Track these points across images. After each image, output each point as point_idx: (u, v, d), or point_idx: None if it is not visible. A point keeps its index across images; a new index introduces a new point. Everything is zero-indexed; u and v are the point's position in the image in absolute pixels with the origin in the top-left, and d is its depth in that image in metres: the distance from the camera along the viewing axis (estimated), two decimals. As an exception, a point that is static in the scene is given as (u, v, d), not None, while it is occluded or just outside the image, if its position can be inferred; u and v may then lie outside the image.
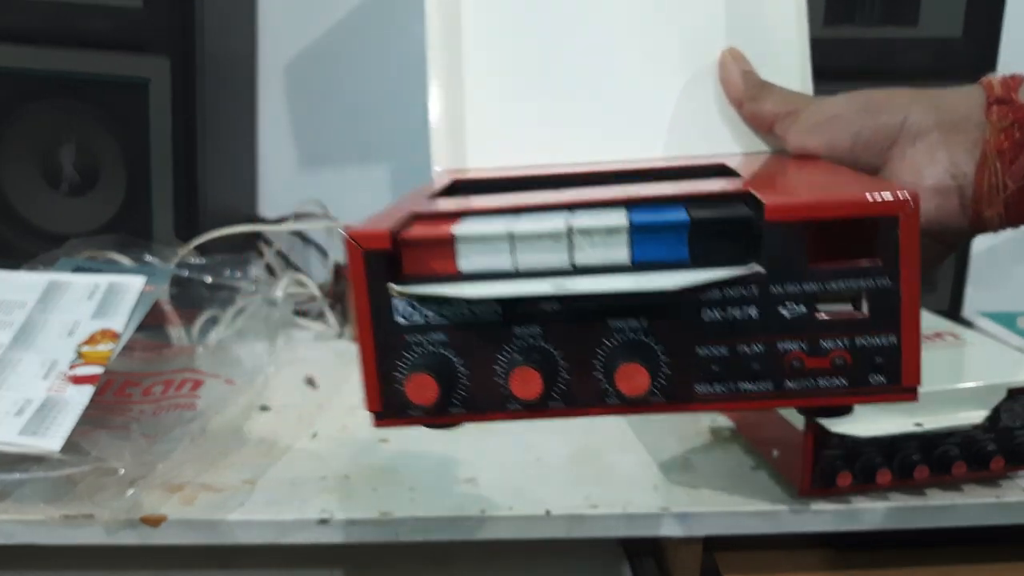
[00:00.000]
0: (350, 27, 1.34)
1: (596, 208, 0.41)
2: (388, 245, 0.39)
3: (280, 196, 1.37)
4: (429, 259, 0.39)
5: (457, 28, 0.58)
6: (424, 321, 0.39)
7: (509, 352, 0.40)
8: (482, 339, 0.39)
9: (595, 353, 0.39)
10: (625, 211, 0.39)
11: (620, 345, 0.39)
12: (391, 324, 0.39)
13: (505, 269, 0.39)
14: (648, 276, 0.38)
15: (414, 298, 0.39)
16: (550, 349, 0.40)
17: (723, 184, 0.44)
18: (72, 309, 0.83)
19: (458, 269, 0.39)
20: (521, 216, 0.41)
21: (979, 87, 0.52)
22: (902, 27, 1.01)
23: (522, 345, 0.40)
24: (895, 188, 0.37)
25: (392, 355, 0.40)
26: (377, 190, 1.39)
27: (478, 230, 0.39)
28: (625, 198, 0.41)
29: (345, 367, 1.01)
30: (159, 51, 1.01)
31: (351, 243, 0.39)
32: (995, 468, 0.73)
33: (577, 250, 0.38)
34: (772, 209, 0.37)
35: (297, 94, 1.36)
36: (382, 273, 0.40)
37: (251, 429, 0.84)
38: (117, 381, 0.84)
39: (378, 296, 0.40)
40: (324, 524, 0.69)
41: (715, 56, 0.58)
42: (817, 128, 0.52)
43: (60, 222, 1.05)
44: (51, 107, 1.03)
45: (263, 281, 0.99)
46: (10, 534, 0.68)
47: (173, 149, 1.03)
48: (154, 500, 0.71)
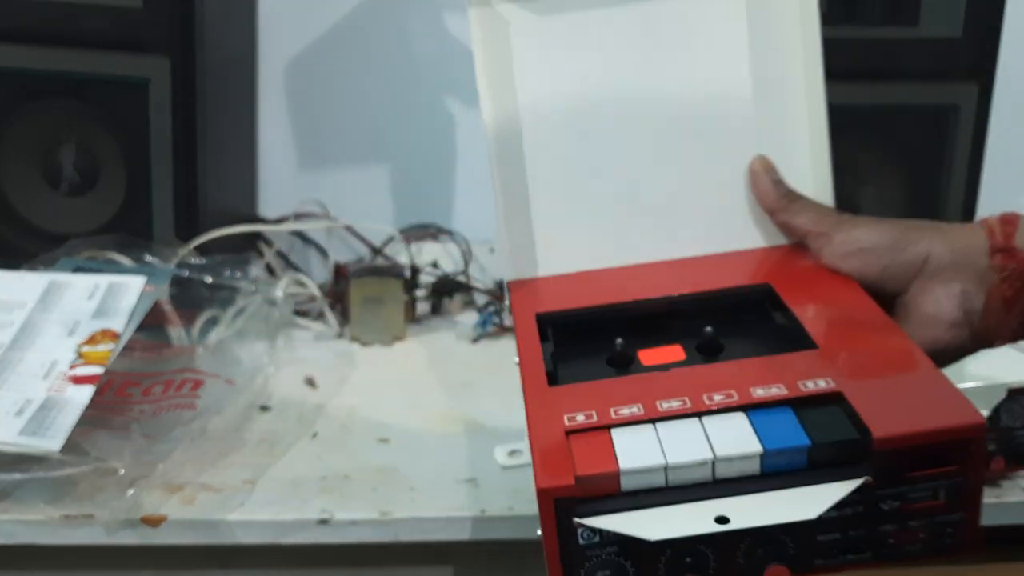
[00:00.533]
0: (350, 27, 1.34)
1: (721, 413, 0.50)
2: (575, 491, 0.47)
3: (280, 196, 1.37)
4: (595, 486, 0.47)
5: (518, 147, 0.66)
6: (599, 539, 0.47)
7: (670, 556, 0.48)
8: (648, 546, 0.46)
9: (738, 550, 0.47)
10: (748, 422, 0.48)
11: (758, 542, 0.47)
12: (575, 546, 0.48)
13: (659, 486, 0.47)
14: (789, 505, 0.45)
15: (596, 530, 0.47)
16: (705, 551, 0.47)
17: (817, 375, 0.51)
18: (72, 309, 0.83)
19: (621, 490, 0.47)
20: (660, 427, 0.49)
21: (981, 229, 0.57)
22: (902, 27, 1.01)
23: (679, 550, 0.47)
24: (971, 413, 0.46)
25: (575, 568, 0.48)
26: (377, 190, 1.39)
27: (639, 464, 0.47)
28: (741, 403, 0.50)
29: (345, 367, 1.02)
30: (159, 51, 1.01)
31: (543, 494, 0.47)
32: (995, 468, 0.74)
33: (718, 470, 0.47)
34: (880, 440, 0.45)
35: (297, 94, 1.37)
36: (570, 509, 0.47)
37: (251, 429, 0.84)
38: (117, 381, 0.85)
39: (565, 526, 0.47)
40: (324, 524, 0.70)
41: (746, 161, 0.65)
42: (849, 256, 0.59)
43: (60, 222, 1.05)
44: (51, 107, 1.03)
45: (263, 281, 1.00)
46: (10, 534, 0.69)
47: (173, 149, 1.03)
48: (154, 500, 0.71)
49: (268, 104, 1.36)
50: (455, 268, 1.28)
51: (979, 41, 1.02)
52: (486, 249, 1.31)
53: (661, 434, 0.49)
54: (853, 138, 1.05)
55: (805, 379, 0.51)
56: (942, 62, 1.03)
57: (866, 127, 1.05)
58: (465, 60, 1.16)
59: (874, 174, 1.07)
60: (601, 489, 0.47)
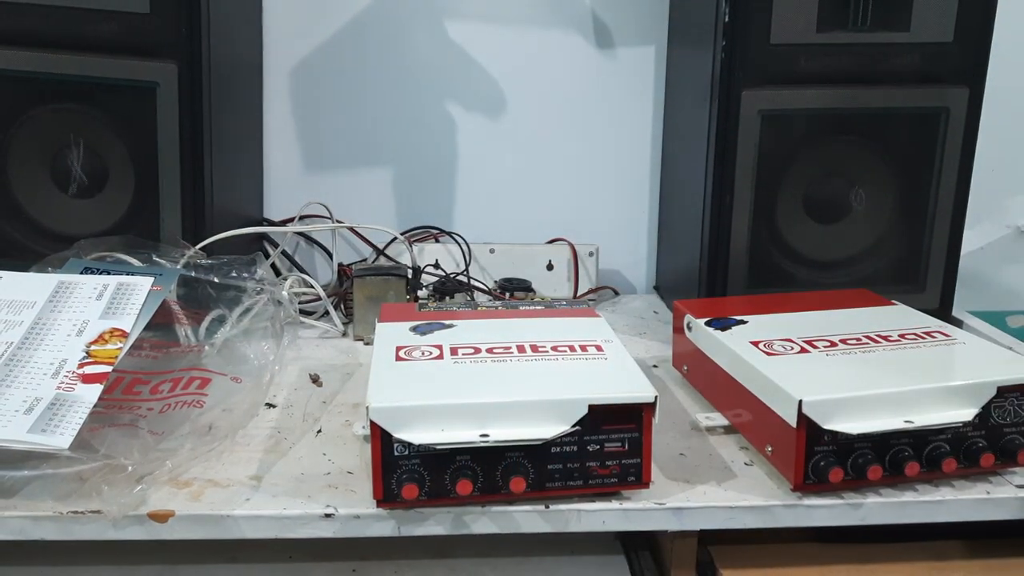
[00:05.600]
0: (355, 32, 1.35)
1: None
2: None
3: (285, 198, 1.38)
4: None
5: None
6: (408, 452, 0.69)
7: (453, 469, 0.70)
8: (441, 462, 0.69)
9: (498, 469, 0.70)
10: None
11: (511, 465, 0.70)
12: (392, 456, 0.70)
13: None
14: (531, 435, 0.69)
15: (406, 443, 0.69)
16: (475, 468, 0.70)
17: None
18: (81, 309, 0.84)
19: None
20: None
21: None
22: (894, 32, 1.02)
23: (460, 465, 0.69)
24: (646, 390, 0.71)
25: (391, 471, 0.70)
26: (380, 193, 1.40)
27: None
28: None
29: (349, 365, 1.03)
30: (167, 56, 1.02)
31: (375, 426, 0.69)
32: (985, 464, 0.74)
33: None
34: (591, 406, 0.70)
35: (302, 99, 1.38)
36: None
37: (257, 426, 0.85)
38: (125, 379, 0.85)
39: (388, 444, 0.69)
40: (329, 518, 0.70)
41: None
42: None
43: (69, 224, 1.07)
44: (60, 110, 1.04)
45: (269, 281, 1.00)
46: (20, 530, 0.69)
47: (181, 152, 1.04)
48: (162, 496, 0.72)
49: (274, 108, 1.37)
50: (456, 268, 1.30)
51: (970, 45, 1.03)
52: (486, 250, 1.33)
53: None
54: (845, 141, 1.06)
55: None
56: (933, 66, 1.04)
57: (858, 130, 1.06)
58: (465, 66, 1.18)
59: (866, 176, 1.08)
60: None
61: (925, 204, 1.08)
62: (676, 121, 1.29)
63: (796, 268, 1.09)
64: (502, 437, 0.68)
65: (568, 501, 0.72)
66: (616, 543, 0.86)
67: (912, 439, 0.73)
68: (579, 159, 1.41)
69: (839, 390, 0.72)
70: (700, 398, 0.93)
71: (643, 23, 1.36)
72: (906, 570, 0.78)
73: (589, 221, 1.41)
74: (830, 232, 1.09)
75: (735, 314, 0.92)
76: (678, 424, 0.87)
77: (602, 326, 0.87)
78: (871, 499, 0.73)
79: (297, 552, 0.83)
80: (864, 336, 0.85)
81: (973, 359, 0.80)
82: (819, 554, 0.80)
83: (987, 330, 1.13)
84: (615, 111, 1.39)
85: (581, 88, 1.38)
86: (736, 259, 1.07)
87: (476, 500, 0.71)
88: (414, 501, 0.69)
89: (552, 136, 1.40)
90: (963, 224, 1.09)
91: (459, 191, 1.41)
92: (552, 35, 1.36)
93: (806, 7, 1.01)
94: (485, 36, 1.36)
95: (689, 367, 0.96)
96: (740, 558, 0.79)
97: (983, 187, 1.14)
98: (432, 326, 0.87)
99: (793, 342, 0.83)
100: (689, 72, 1.19)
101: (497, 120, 1.39)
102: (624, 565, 0.83)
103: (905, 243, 1.10)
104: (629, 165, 1.41)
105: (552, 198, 1.41)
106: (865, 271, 1.10)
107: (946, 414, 0.73)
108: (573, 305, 0.96)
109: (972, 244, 1.37)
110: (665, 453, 0.81)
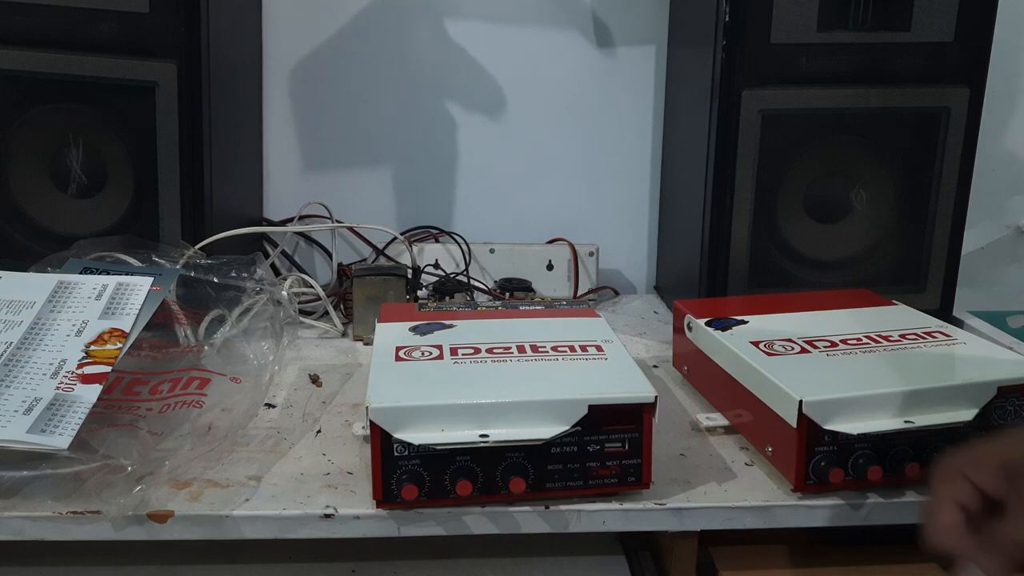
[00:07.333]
0: (354, 33, 1.35)
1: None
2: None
3: (285, 198, 1.39)
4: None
5: None
6: (408, 453, 0.69)
7: (453, 470, 0.70)
8: (440, 462, 0.70)
9: (497, 470, 0.70)
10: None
11: (511, 465, 0.70)
12: (392, 456, 0.70)
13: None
14: (531, 435, 0.69)
15: (406, 443, 0.69)
16: (475, 468, 0.70)
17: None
18: (80, 309, 0.84)
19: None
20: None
21: None
22: (894, 32, 1.02)
23: (460, 465, 0.70)
24: (646, 391, 0.71)
25: (391, 471, 0.70)
26: (380, 193, 1.40)
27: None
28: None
29: (349, 365, 1.03)
30: (166, 55, 1.02)
31: (375, 426, 0.68)
32: (985, 464, 0.74)
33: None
34: (591, 405, 0.70)
35: (302, 98, 1.38)
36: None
37: (256, 426, 0.85)
38: (125, 379, 0.85)
39: (388, 444, 0.69)
40: (328, 519, 0.70)
41: None
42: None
43: (68, 224, 1.07)
44: (59, 110, 1.05)
45: (268, 281, 1.00)
46: (19, 530, 0.69)
47: (180, 152, 1.04)
48: (161, 496, 0.72)
49: (273, 108, 1.37)
50: (456, 268, 1.30)
51: (970, 45, 1.03)
52: (486, 250, 1.32)
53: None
54: (846, 141, 1.06)
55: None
56: (934, 66, 1.04)
57: (858, 130, 1.06)
58: (465, 66, 1.18)
59: (866, 176, 1.08)
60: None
61: (925, 204, 1.08)
62: (676, 121, 1.29)
63: (796, 268, 1.09)
64: (502, 437, 0.68)
65: (568, 501, 0.72)
66: (616, 544, 0.85)
67: (912, 439, 0.73)
68: (579, 159, 1.41)
69: (839, 390, 0.72)
70: (700, 398, 0.93)
71: (643, 23, 1.36)
72: (907, 571, 0.78)
73: (589, 221, 1.41)
74: (830, 232, 1.09)
75: (735, 314, 0.92)
76: (678, 424, 0.87)
77: (602, 326, 0.87)
78: (871, 499, 0.73)
79: (297, 552, 0.83)
80: (865, 336, 0.85)
81: (973, 359, 0.80)
82: (819, 555, 0.80)
83: (987, 330, 1.13)
84: (615, 111, 1.39)
85: (581, 88, 1.38)
86: (736, 259, 1.07)
87: (476, 500, 0.71)
88: (414, 501, 0.69)
89: (552, 136, 1.40)
90: (963, 224, 1.09)
91: (459, 191, 1.41)
92: (552, 35, 1.36)
93: (806, 7, 1.01)
94: (485, 36, 1.36)
95: (689, 367, 0.96)
96: (740, 559, 0.79)
97: (983, 187, 1.14)
98: (432, 326, 0.87)
99: (793, 342, 0.83)
100: (689, 72, 1.19)
101: (497, 120, 1.39)
102: (624, 566, 0.83)
103: (905, 243, 1.10)
104: (629, 165, 1.41)
105: (552, 198, 1.41)
106: (865, 271, 1.10)
107: (946, 414, 0.73)
108: (573, 305, 0.96)
109: (972, 244, 1.38)
110: (665, 453, 0.81)
